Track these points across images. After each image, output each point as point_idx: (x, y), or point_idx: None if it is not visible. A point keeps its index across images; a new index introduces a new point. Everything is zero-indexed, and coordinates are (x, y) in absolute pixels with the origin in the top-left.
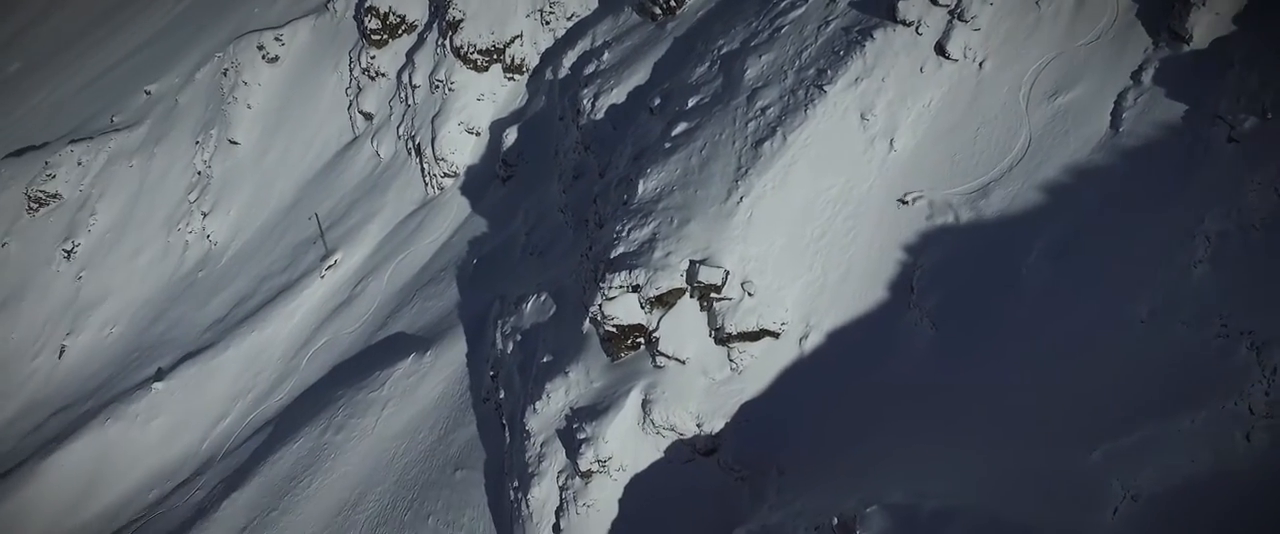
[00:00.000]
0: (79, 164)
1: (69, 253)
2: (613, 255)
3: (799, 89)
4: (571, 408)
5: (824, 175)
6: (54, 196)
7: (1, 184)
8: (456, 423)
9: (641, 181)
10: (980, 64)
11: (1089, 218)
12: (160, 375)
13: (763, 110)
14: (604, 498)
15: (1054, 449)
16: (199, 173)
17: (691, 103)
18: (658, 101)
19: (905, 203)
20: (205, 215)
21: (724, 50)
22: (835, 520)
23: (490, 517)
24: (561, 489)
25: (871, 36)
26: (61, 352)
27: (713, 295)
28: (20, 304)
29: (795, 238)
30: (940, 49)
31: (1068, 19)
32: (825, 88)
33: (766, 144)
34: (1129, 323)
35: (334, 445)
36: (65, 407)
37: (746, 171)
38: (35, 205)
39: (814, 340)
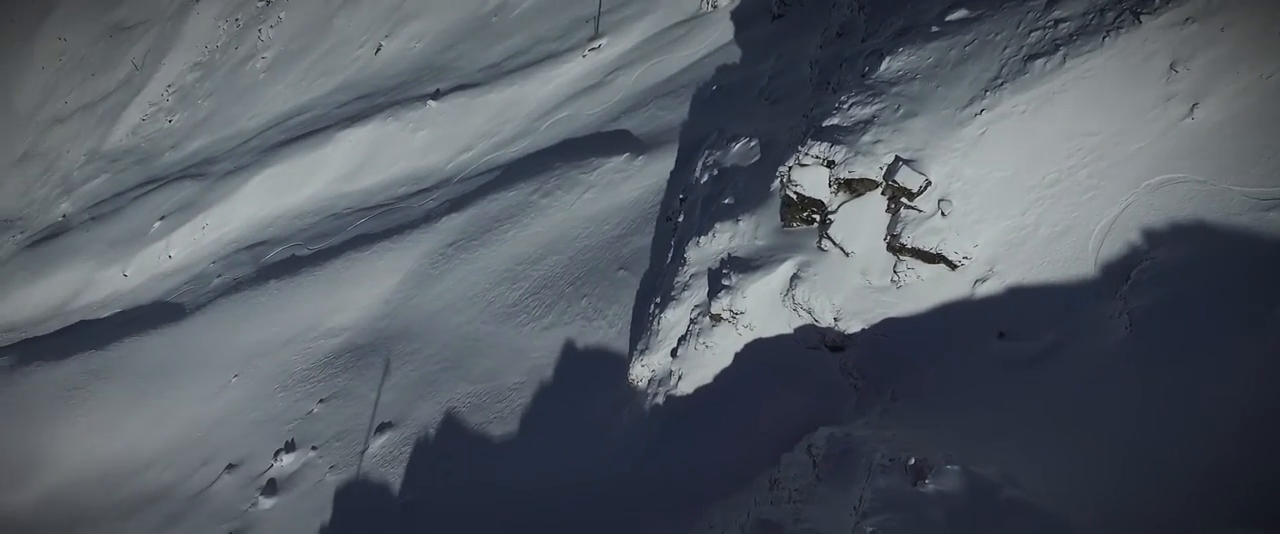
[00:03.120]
0: None
1: None
2: (824, 123)
3: (1110, 9)
4: (729, 254)
5: (1089, 118)
6: None
7: None
8: (637, 228)
9: (888, 58)
10: None
11: None
12: (437, 95)
13: (1056, 22)
14: (723, 345)
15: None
16: None
17: None
18: None
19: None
20: None
21: None
22: (912, 460)
23: (629, 319)
24: (691, 321)
25: None
26: (378, 49)
27: (904, 200)
28: (360, 3)
29: (1021, 174)
30: None
31: None
32: (1141, 17)
33: (1040, 62)
34: None
35: (537, 206)
36: (366, 95)
37: (1002, 84)
38: None
39: (990, 287)
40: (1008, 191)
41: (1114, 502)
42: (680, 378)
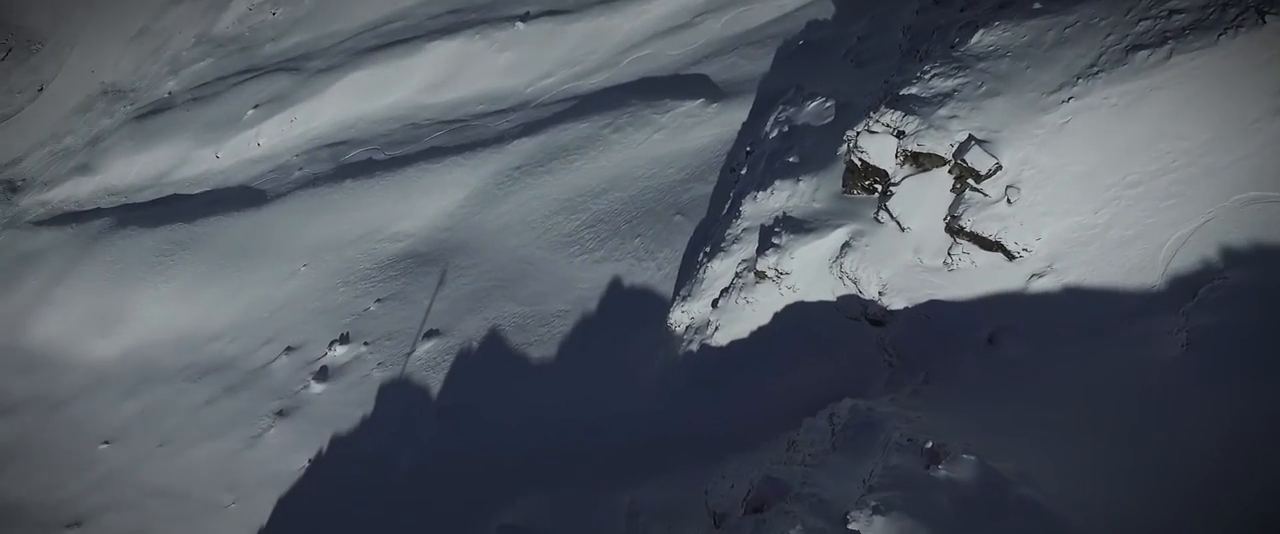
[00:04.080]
0: None
1: None
2: (901, 92)
3: (1232, 5)
4: (784, 212)
5: (1186, 121)
6: None
7: None
8: (700, 176)
9: (982, 31)
10: None
11: None
12: (526, 18)
13: (1170, 13)
14: (763, 303)
15: None
16: None
17: None
18: None
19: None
20: None
21: None
22: (929, 443)
23: (677, 264)
24: (736, 275)
25: None
26: None
27: (970, 181)
28: None
29: (1100, 171)
30: None
31: None
32: (1267, 17)
33: (1143, 54)
34: None
35: (606, 141)
36: (457, 9)
37: (1097, 73)
38: None
39: (1045, 284)
40: (1082, 187)
41: (1134, 520)
42: (717, 328)
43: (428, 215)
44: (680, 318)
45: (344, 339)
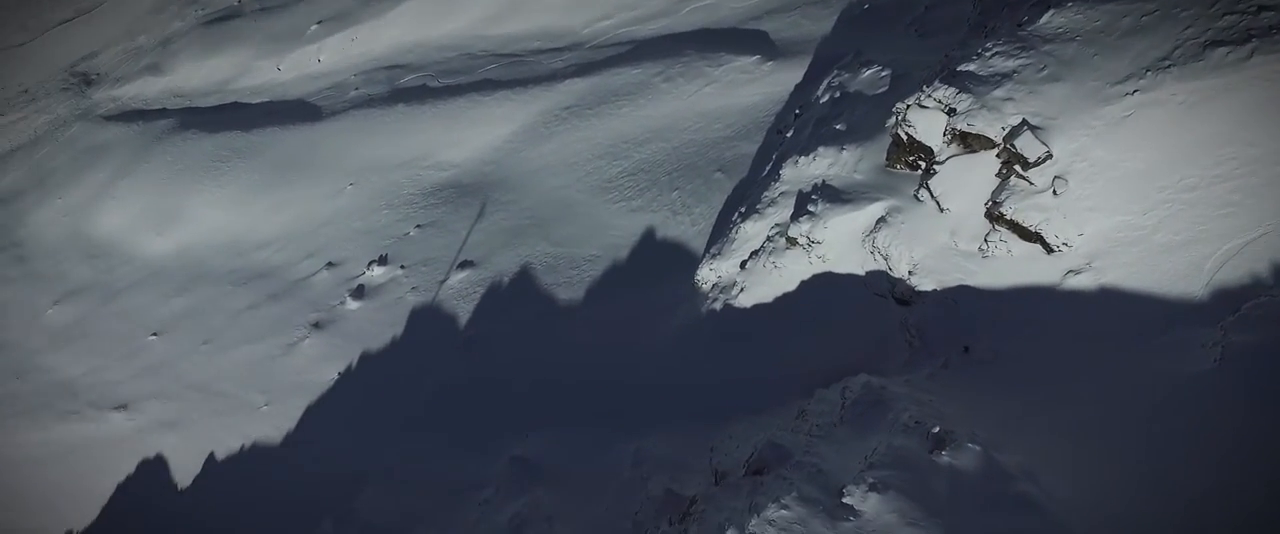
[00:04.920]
0: None
1: None
2: (958, 67)
3: None
4: (823, 180)
5: (1257, 127)
6: None
7: None
8: (745, 135)
9: (1053, 11)
10: None
11: None
12: None
13: (1258, 9)
14: (791, 269)
15: None
16: None
17: None
18: None
19: None
20: None
21: None
22: (936, 428)
23: (712, 221)
24: (768, 238)
25: None
26: None
27: (1017, 168)
28: None
29: (1156, 171)
30: None
31: None
32: None
33: (1222, 51)
34: None
35: (655, 89)
36: None
37: (1169, 66)
38: None
39: (1081, 281)
40: (1134, 186)
41: (1136, 530)
42: (742, 290)
43: (474, 147)
44: (707, 275)
45: (382, 261)
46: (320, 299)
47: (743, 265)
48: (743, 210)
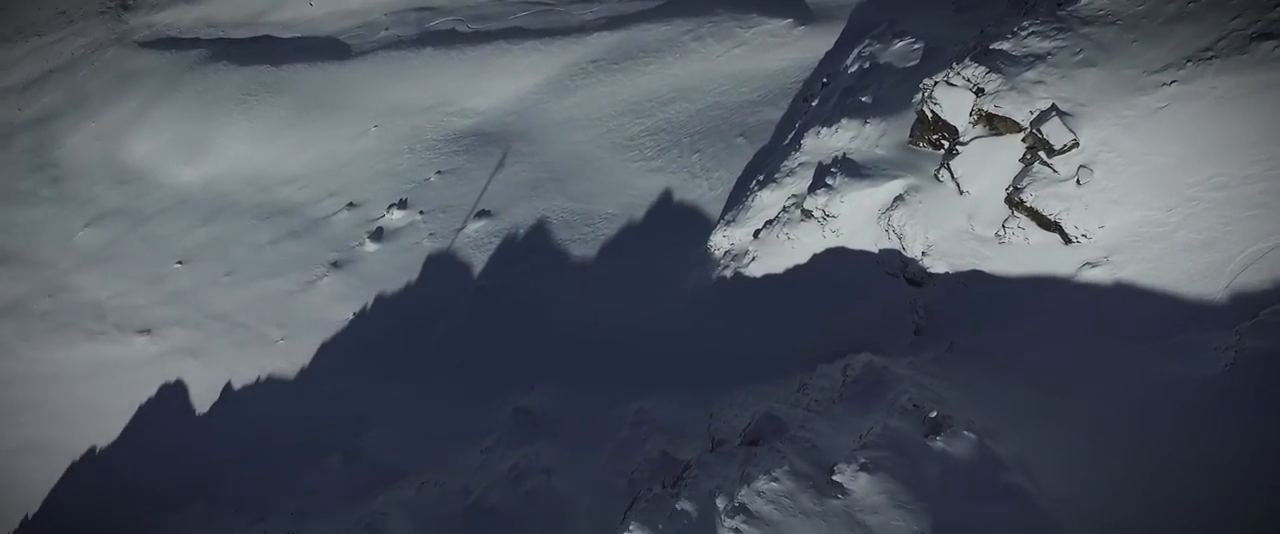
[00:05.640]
0: None
1: None
2: (991, 45)
3: None
4: (844, 153)
5: None
6: None
7: None
8: (771, 100)
9: None
10: None
11: None
12: None
13: None
14: (804, 242)
15: None
16: None
17: None
18: None
19: None
20: None
21: None
22: (933, 413)
23: (730, 187)
24: (783, 209)
25: None
26: None
27: (1042, 154)
28: None
29: (1186, 166)
30: None
31: None
32: None
33: (1269, 45)
34: None
35: (685, 48)
36: None
37: (1211, 58)
38: None
39: (1097, 275)
40: (1162, 180)
41: (1126, 530)
42: (754, 259)
43: (499, 96)
44: (721, 241)
45: (402, 205)
46: (340, 239)
47: (756, 234)
48: (761, 178)
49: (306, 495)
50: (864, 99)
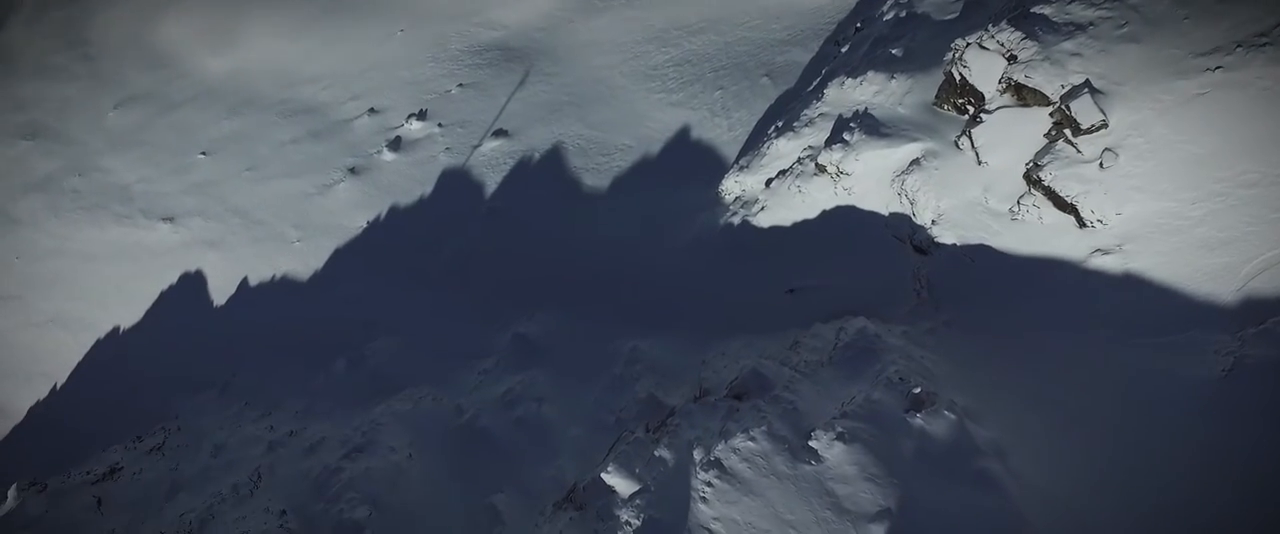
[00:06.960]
0: None
1: None
2: (1032, 9)
3: None
4: (866, 108)
5: None
6: None
7: None
8: (802, 41)
9: None
10: None
11: None
12: None
13: None
14: (815, 197)
15: None
16: None
17: None
18: None
19: None
20: None
21: None
22: (918, 389)
23: (749, 129)
24: (798, 160)
25: None
26: None
27: (1067, 132)
28: None
29: (1217, 159)
30: None
31: None
32: None
33: None
34: None
35: None
36: None
37: (1264, 45)
38: None
39: (1107, 262)
40: (1188, 172)
41: (1094, 527)
42: (763, 208)
43: (527, 10)
44: (732, 187)
45: (422, 115)
46: (358, 144)
47: (768, 183)
48: (779, 124)
49: (311, 396)
50: (894, 51)
